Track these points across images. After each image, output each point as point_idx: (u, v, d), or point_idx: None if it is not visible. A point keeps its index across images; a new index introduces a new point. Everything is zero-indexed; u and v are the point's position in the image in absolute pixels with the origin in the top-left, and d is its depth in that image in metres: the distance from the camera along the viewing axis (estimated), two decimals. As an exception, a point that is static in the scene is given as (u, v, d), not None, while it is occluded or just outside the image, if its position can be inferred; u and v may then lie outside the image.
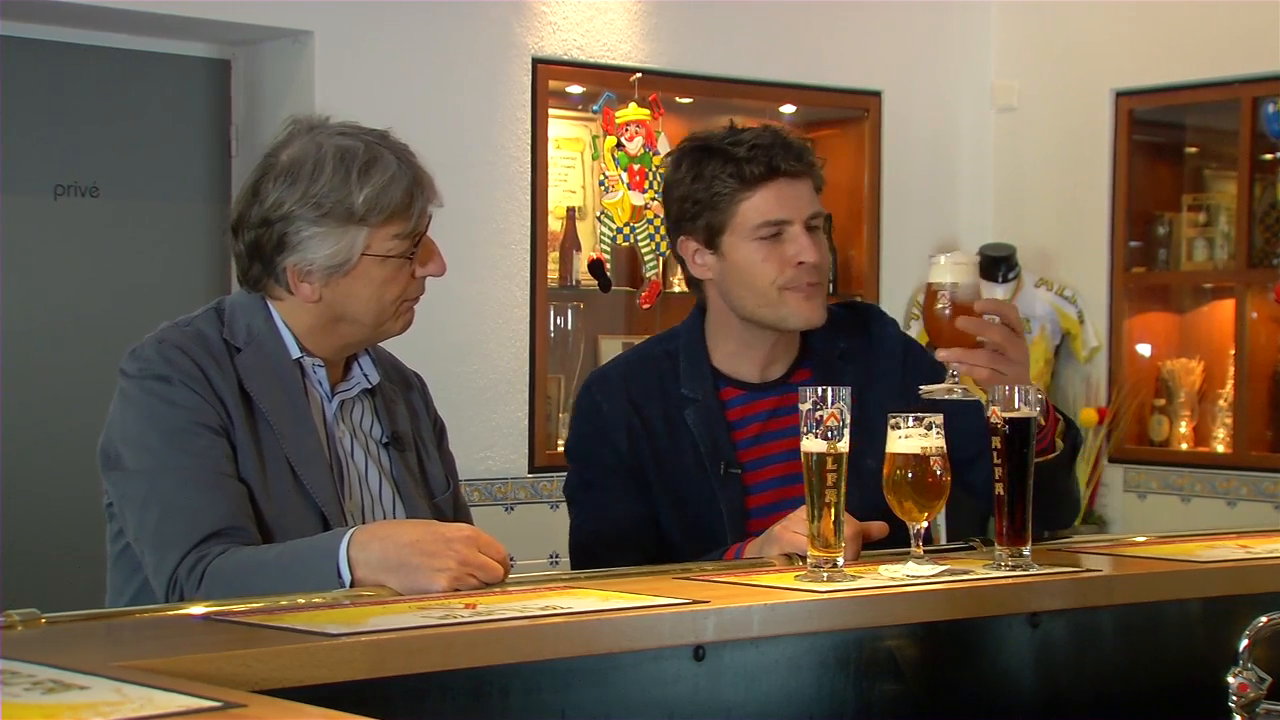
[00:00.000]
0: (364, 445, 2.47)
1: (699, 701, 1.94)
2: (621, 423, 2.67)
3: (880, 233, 6.02)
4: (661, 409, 2.68)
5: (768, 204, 2.63)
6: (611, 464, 2.67)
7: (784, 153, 2.64)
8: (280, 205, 2.33)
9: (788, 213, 2.64)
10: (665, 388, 2.70)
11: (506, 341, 5.20)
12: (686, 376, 2.70)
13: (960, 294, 2.41)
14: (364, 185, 2.32)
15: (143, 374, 2.33)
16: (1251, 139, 5.68)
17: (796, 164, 2.64)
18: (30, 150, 4.80)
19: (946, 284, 2.41)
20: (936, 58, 6.17)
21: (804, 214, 2.65)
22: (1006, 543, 2.31)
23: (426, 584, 2.07)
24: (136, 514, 2.29)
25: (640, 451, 2.66)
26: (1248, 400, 5.70)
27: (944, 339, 2.41)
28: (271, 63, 5.03)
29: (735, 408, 2.72)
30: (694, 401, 2.68)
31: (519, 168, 5.22)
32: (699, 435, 2.67)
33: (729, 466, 2.66)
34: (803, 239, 2.64)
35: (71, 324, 4.85)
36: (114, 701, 1.41)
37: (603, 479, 2.68)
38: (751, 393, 2.72)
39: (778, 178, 2.63)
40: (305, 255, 2.34)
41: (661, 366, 2.72)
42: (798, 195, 2.65)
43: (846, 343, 2.76)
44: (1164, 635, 2.39)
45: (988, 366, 2.38)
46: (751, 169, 2.62)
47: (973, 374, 2.40)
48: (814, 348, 2.75)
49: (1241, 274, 5.73)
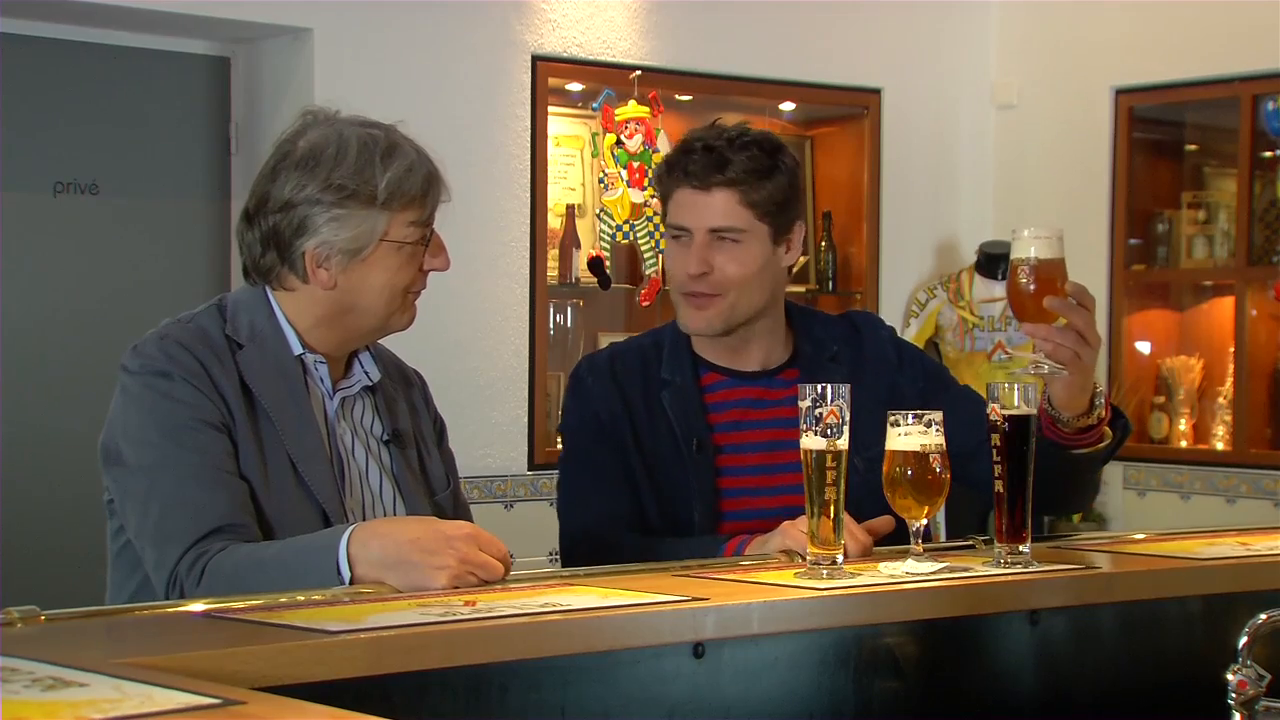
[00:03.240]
0: (365, 442, 2.47)
1: (699, 699, 1.94)
2: (604, 398, 2.74)
3: (880, 230, 6.02)
4: (642, 391, 2.75)
5: (674, 210, 2.71)
6: (593, 434, 2.73)
7: (696, 162, 2.67)
8: (303, 188, 2.35)
9: (686, 221, 2.69)
10: (648, 372, 2.77)
11: (506, 339, 5.20)
12: (668, 362, 2.77)
13: (1044, 269, 2.38)
14: (386, 170, 2.36)
15: (144, 370, 2.33)
16: (1251, 136, 5.68)
17: (705, 176, 2.66)
18: (30, 147, 4.80)
19: (1029, 259, 2.38)
20: (937, 55, 6.17)
21: (704, 225, 2.67)
22: (1006, 540, 2.31)
23: (426, 581, 2.07)
24: (137, 510, 2.29)
25: (620, 428, 2.72)
26: (1247, 398, 5.70)
27: (1028, 314, 2.39)
28: (271, 60, 5.03)
29: (714, 392, 2.77)
30: (671, 383, 2.75)
31: (519, 165, 5.22)
32: (674, 414, 2.72)
33: (701, 444, 2.70)
34: (695, 250, 2.67)
35: (71, 321, 4.85)
36: (114, 699, 1.41)
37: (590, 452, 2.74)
38: (733, 379, 2.77)
39: (682, 186, 2.69)
40: (326, 239, 2.35)
41: (648, 354, 2.79)
42: (700, 205, 2.67)
43: (839, 346, 2.79)
44: (1164, 632, 2.40)
45: (1073, 347, 2.38)
46: (665, 174, 2.72)
47: (1058, 354, 2.38)
48: (804, 350, 2.79)
49: (1241, 271, 5.73)
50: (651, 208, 5.35)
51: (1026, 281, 2.38)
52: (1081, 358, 2.39)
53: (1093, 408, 2.49)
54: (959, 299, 5.96)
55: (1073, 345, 2.38)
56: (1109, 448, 2.56)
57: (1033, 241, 2.39)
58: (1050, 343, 2.38)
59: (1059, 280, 2.38)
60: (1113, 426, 2.56)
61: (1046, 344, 2.38)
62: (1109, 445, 2.56)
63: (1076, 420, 2.49)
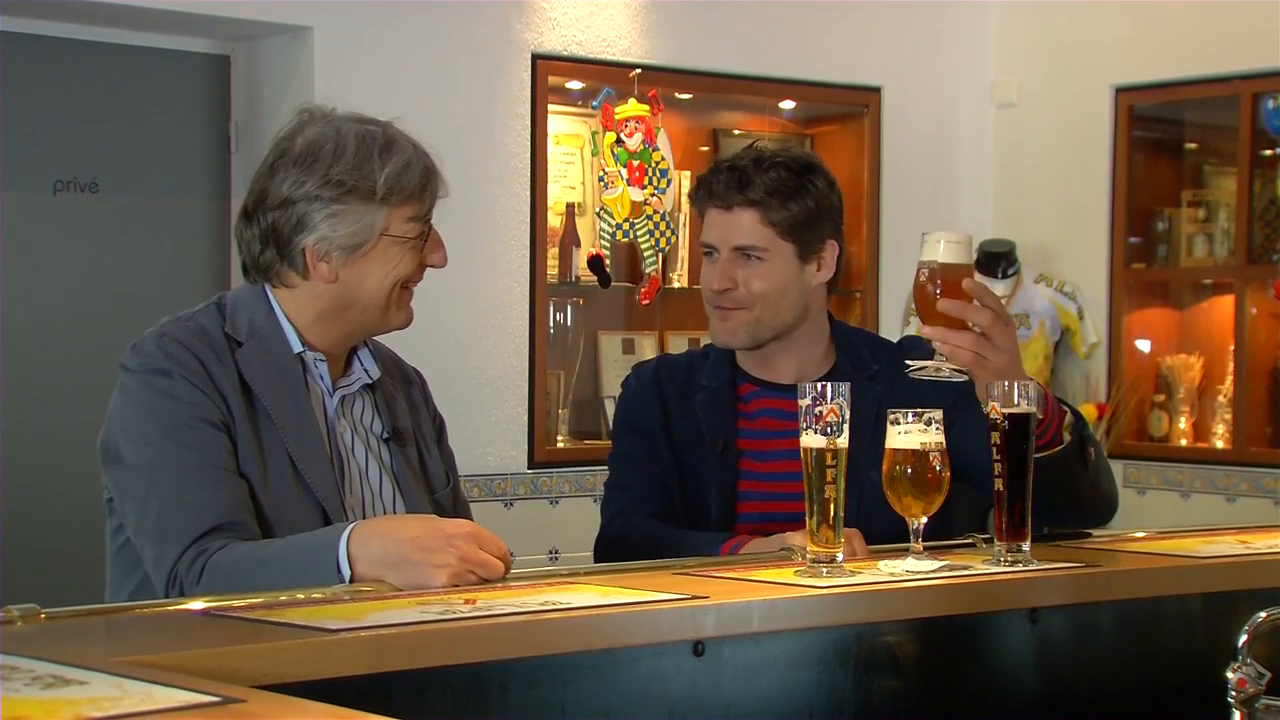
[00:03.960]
0: (364, 440, 2.47)
1: (699, 697, 1.94)
2: (642, 399, 2.87)
3: (880, 229, 6.01)
4: (680, 394, 2.87)
5: (705, 228, 2.84)
6: (630, 432, 2.87)
7: (720, 182, 2.80)
8: (301, 185, 2.35)
9: (712, 239, 2.82)
10: (691, 377, 2.89)
11: (506, 337, 5.20)
12: (710, 370, 2.88)
13: (948, 273, 2.37)
14: (385, 165, 2.37)
15: (143, 368, 2.33)
16: (1251, 135, 5.68)
17: (727, 195, 2.78)
18: (30, 146, 4.80)
19: (936, 262, 2.38)
20: (936, 54, 6.17)
21: (728, 243, 2.79)
22: (1006, 538, 2.30)
23: (426, 580, 2.07)
24: (136, 508, 2.29)
25: (653, 426, 2.84)
26: (1247, 396, 5.70)
27: (930, 317, 2.39)
28: (271, 58, 5.03)
29: (748, 400, 2.86)
30: (707, 388, 2.86)
31: (518, 164, 5.22)
32: (704, 415, 2.82)
33: (726, 446, 2.79)
34: (720, 266, 2.80)
35: (71, 319, 4.85)
36: (113, 696, 1.41)
37: (625, 448, 2.87)
38: (767, 389, 2.85)
39: (711, 206, 2.81)
40: (325, 235, 2.36)
41: (695, 363, 2.93)
42: (725, 224, 2.79)
43: (880, 365, 2.85)
44: (1163, 631, 2.40)
45: (972, 349, 2.36)
46: (695, 193, 2.86)
47: (956, 355, 2.37)
48: (842, 367, 2.85)
49: (1241, 270, 5.73)
50: (651, 206, 5.35)
51: (926, 284, 2.38)
52: (987, 358, 2.35)
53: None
54: (959, 297, 5.96)
55: (972, 347, 2.36)
56: (1065, 450, 2.48)
57: (939, 244, 2.39)
58: (948, 345, 2.37)
59: (960, 285, 2.36)
60: (1072, 431, 2.49)
61: (945, 346, 2.37)
62: (1065, 448, 2.47)
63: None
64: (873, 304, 5.97)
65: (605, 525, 2.84)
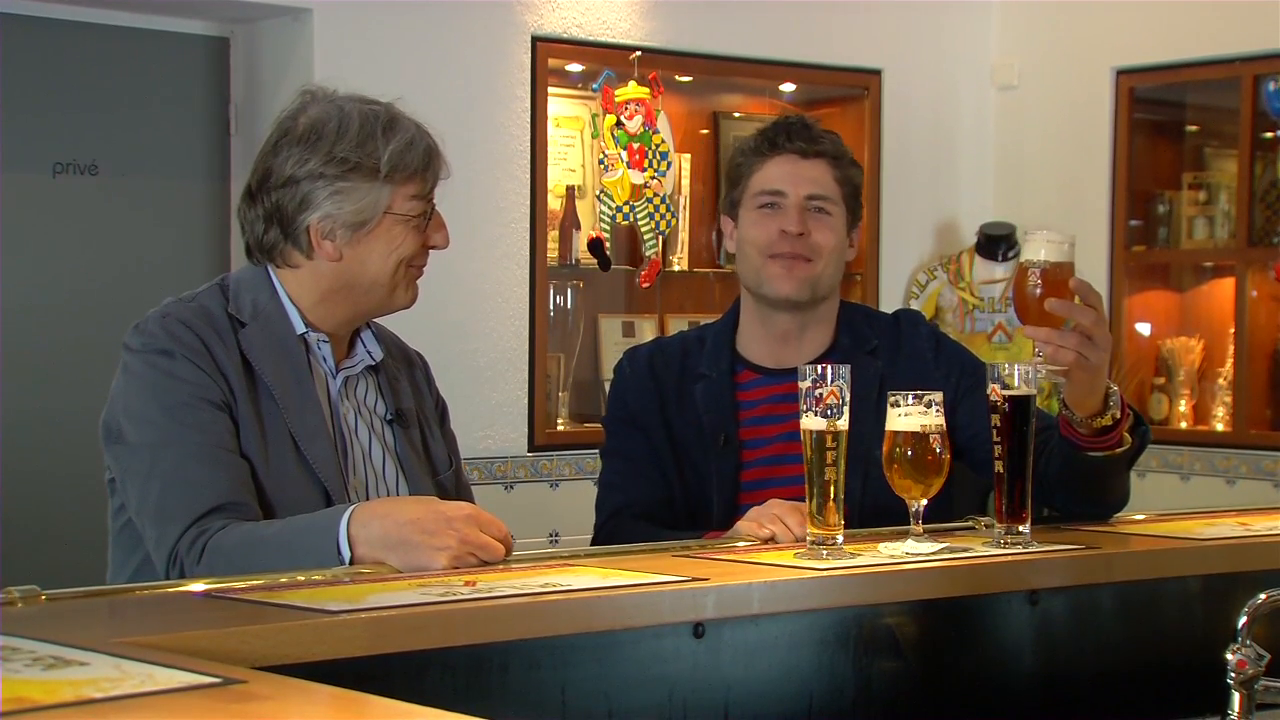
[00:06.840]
0: (368, 422, 2.47)
1: (699, 678, 1.94)
2: (638, 389, 2.83)
3: (880, 211, 6.00)
4: (677, 382, 2.82)
5: (768, 176, 2.79)
6: (625, 423, 2.82)
7: (794, 132, 2.79)
8: (305, 163, 2.36)
9: (784, 185, 2.77)
10: (686, 365, 2.84)
11: (506, 320, 5.20)
12: (707, 357, 2.84)
13: (1054, 273, 2.34)
14: (389, 144, 2.37)
15: (146, 348, 2.33)
16: (1252, 117, 5.67)
17: (804, 144, 2.78)
18: (29, 128, 4.79)
19: (1038, 261, 2.35)
20: (937, 36, 6.16)
21: (802, 191, 2.77)
22: (1006, 520, 2.31)
23: (427, 562, 2.07)
24: (138, 488, 2.29)
25: (650, 417, 2.79)
26: (1247, 379, 5.70)
27: (1031, 317, 2.36)
28: (270, 40, 5.02)
29: (747, 390, 2.82)
30: (705, 377, 2.82)
31: (518, 146, 5.21)
32: (704, 408, 2.79)
33: (728, 438, 2.76)
34: (792, 212, 2.76)
35: (71, 302, 4.84)
36: (114, 677, 1.41)
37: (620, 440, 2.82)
38: (767, 377, 2.82)
39: (781, 153, 2.78)
40: (329, 212, 2.36)
41: (689, 348, 2.87)
42: (798, 172, 2.77)
43: (879, 340, 2.84)
44: (1163, 612, 2.40)
45: (1075, 350, 2.33)
46: (760, 142, 2.80)
47: (1059, 357, 2.33)
48: (842, 343, 2.83)
49: (1242, 252, 5.73)
50: (651, 189, 5.35)
51: (1033, 285, 2.35)
52: (1088, 358, 2.34)
53: (1106, 408, 2.44)
54: (959, 280, 5.96)
55: (1075, 347, 2.33)
56: (1128, 453, 2.50)
57: (1043, 244, 2.37)
58: (1051, 345, 2.34)
59: (1066, 285, 2.35)
60: (1133, 433, 2.51)
61: (1047, 347, 2.35)
62: (1127, 450, 2.50)
63: (1091, 421, 2.44)
64: (873, 286, 5.97)
65: (600, 525, 2.81)
